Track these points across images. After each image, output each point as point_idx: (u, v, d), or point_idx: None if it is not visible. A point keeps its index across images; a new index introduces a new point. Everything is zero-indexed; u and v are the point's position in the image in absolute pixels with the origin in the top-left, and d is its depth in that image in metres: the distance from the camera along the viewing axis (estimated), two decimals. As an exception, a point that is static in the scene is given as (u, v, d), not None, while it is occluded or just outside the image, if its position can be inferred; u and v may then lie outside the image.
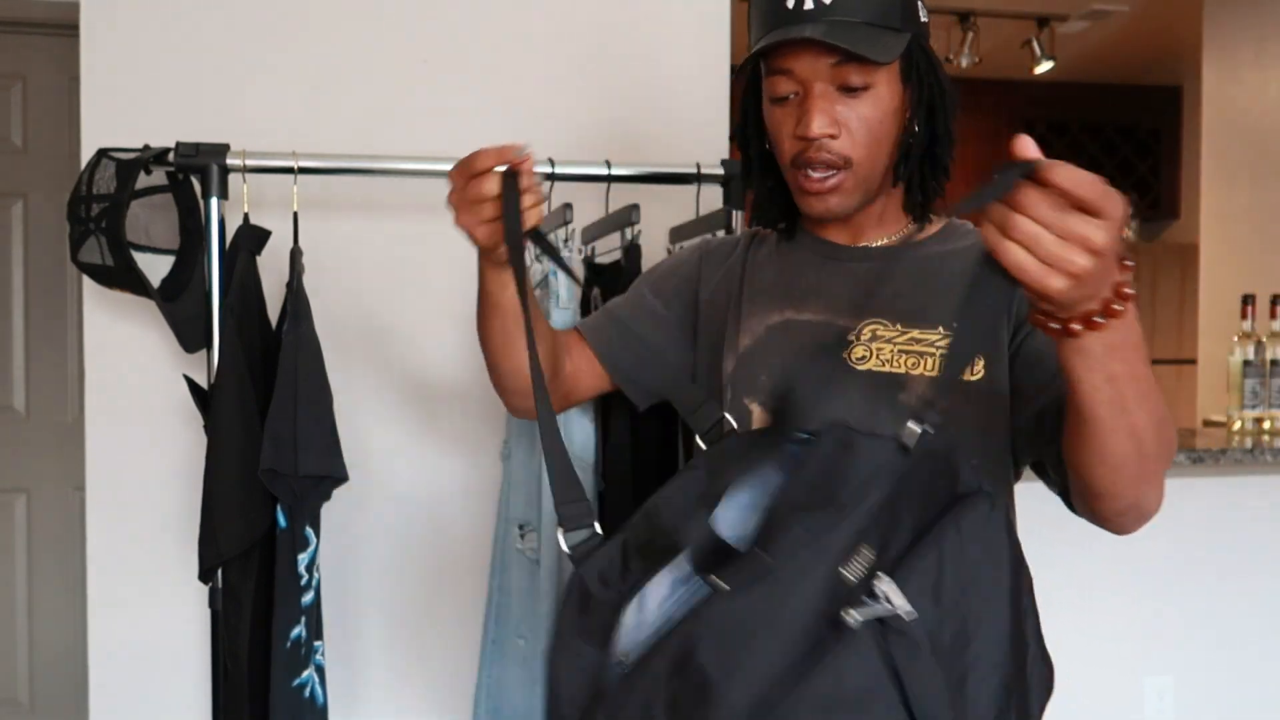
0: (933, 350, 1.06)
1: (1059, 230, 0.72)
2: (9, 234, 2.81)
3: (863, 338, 1.09)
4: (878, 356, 1.08)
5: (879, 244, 1.15)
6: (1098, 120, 5.49)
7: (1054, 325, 0.78)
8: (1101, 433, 0.84)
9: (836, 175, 1.06)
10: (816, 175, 1.07)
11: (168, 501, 1.84)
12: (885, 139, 1.08)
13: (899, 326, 1.08)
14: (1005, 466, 1.09)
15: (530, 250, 1.75)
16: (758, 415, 1.13)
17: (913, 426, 0.84)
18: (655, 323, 1.26)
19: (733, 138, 1.21)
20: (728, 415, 1.13)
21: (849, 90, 1.05)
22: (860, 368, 1.08)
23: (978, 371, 1.04)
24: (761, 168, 1.18)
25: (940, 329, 1.06)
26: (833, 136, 1.05)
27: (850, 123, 1.05)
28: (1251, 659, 2.34)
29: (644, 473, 1.51)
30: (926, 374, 1.06)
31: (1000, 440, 1.07)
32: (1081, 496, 0.95)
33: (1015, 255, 0.73)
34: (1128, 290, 0.76)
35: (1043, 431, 1.01)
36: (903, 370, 1.06)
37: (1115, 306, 0.76)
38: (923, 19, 1.09)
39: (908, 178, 1.12)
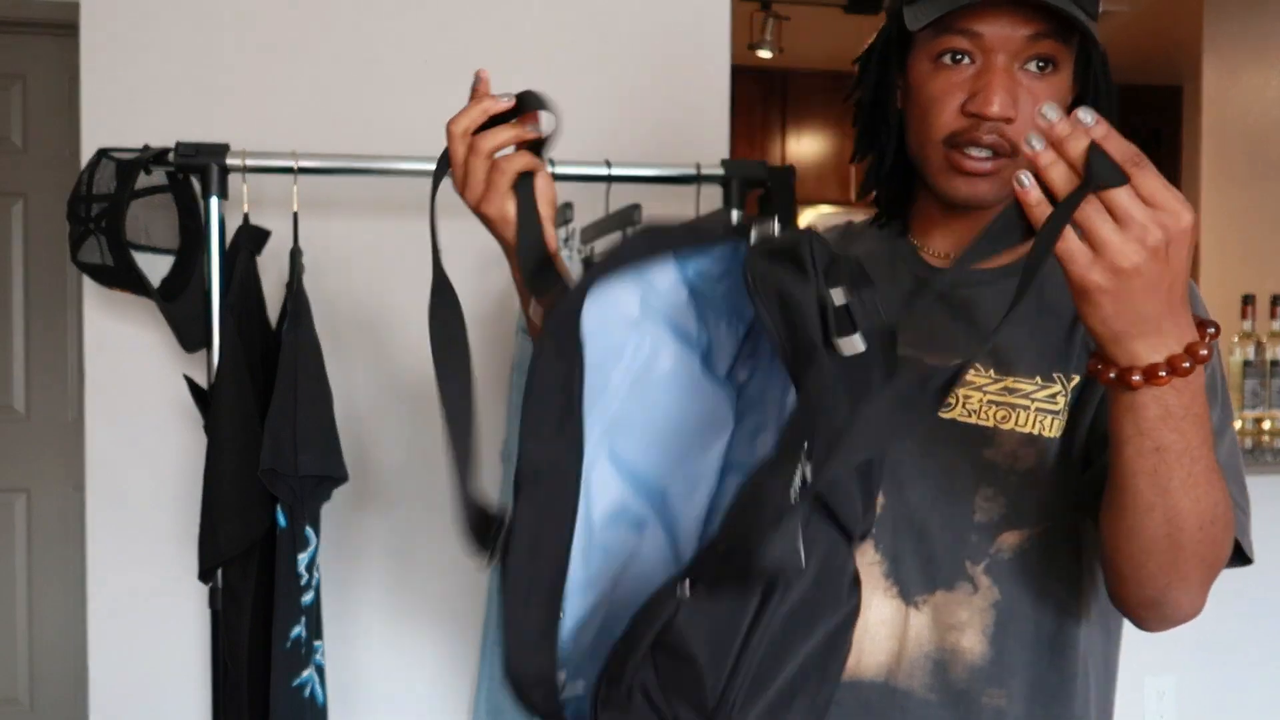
0: (1028, 403, 0.95)
1: (1121, 214, 0.65)
2: (9, 234, 2.81)
3: None
4: (964, 405, 0.97)
5: (982, 266, 0.97)
6: (1098, 120, 5.49)
7: (1112, 374, 0.71)
8: (1137, 509, 0.78)
9: (998, 160, 0.93)
10: (979, 154, 0.92)
11: (168, 501, 1.84)
12: None
13: (993, 372, 0.96)
14: (1074, 532, 0.99)
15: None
16: None
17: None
18: None
19: (847, 98, 1.06)
20: None
21: (1038, 67, 0.92)
22: (944, 416, 0.97)
23: (1054, 429, 0.94)
24: (895, 145, 1.02)
25: (1038, 379, 0.95)
26: (1009, 120, 0.91)
27: (1029, 107, 0.91)
28: (1252, 659, 2.34)
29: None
30: (1019, 429, 0.95)
31: (1069, 499, 0.97)
32: (1106, 576, 0.89)
33: (1062, 242, 0.66)
34: (1203, 353, 0.69)
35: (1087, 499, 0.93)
36: (991, 424, 0.96)
37: (1184, 365, 0.69)
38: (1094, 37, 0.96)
39: None
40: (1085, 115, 0.67)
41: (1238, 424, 2.49)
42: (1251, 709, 2.36)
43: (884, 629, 0.98)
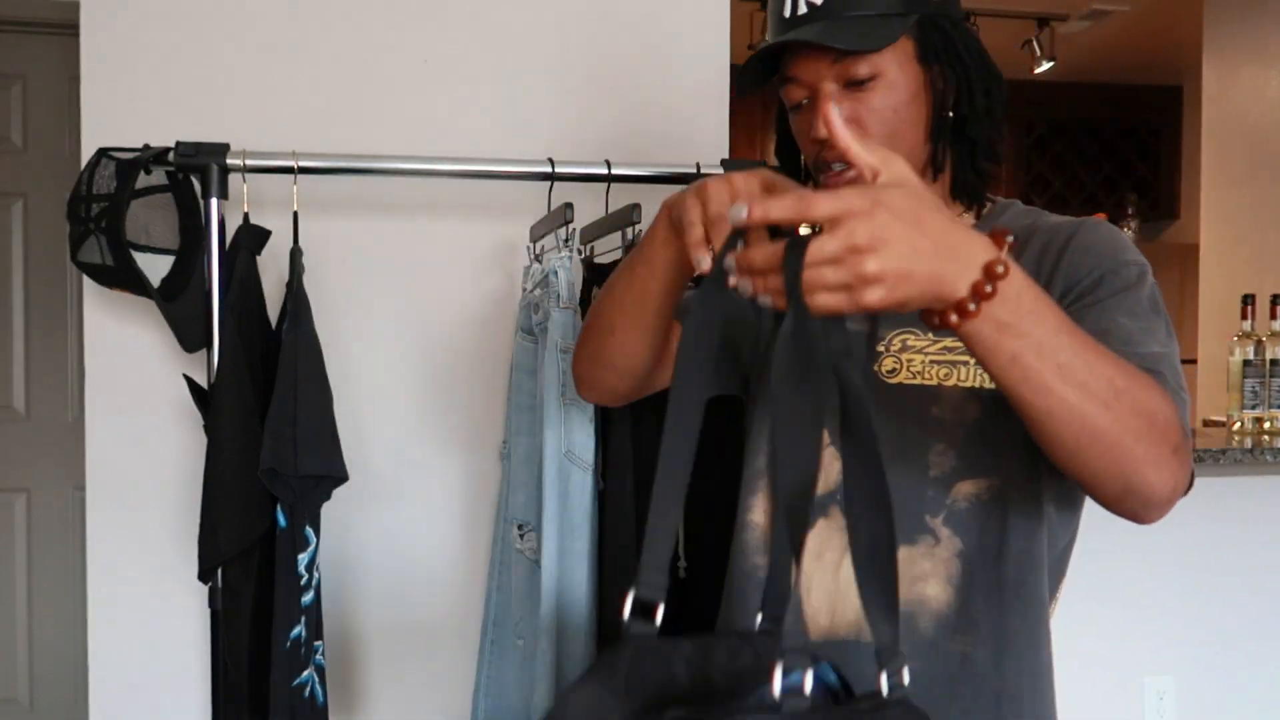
0: (966, 359, 1.01)
1: (822, 256, 0.69)
2: (9, 234, 2.81)
3: (893, 348, 1.05)
4: (908, 368, 1.04)
5: None
6: (1098, 120, 5.48)
7: (936, 321, 0.75)
8: (1039, 417, 0.81)
9: (853, 170, 1.01)
10: (836, 169, 1.04)
11: (168, 501, 1.84)
12: (907, 126, 1.05)
13: (930, 335, 1.03)
14: (1034, 482, 1.03)
15: (531, 250, 1.75)
16: None
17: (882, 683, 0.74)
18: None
19: (777, 155, 1.21)
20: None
21: (858, 84, 1.03)
22: (891, 381, 1.04)
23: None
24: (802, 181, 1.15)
25: None
26: None
27: (862, 117, 1.03)
28: (1252, 659, 2.34)
29: (644, 473, 1.51)
30: (961, 384, 1.02)
31: (1030, 452, 0.99)
32: (1086, 493, 0.93)
33: (816, 301, 0.70)
34: (998, 269, 0.73)
35: None
36: (934, 382, 1.03)
37: (986, 288, 0.73)
38: (942, 26, 1.05)
39: (945, 162, 1.08)
40: (734, 212, 0.71)
41: (1237, 424, 2.49)
42: (1251, 709, 2.36)
43: (853, 588, 1.01)
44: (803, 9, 1.03)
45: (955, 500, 1.02)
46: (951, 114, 1.07)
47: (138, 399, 1.83)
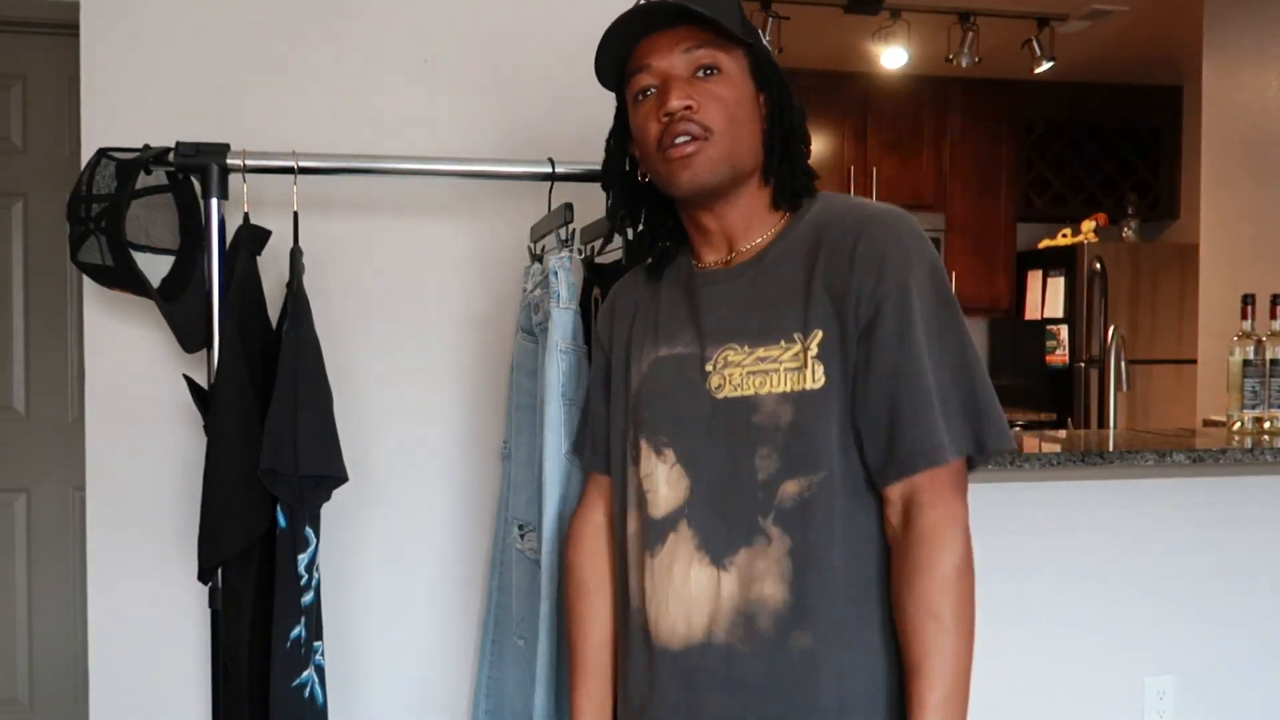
0: (777, 366, 1.11)
1: None
2: (9, 234, 2.81)
3: (718, 366, 1.15)
4: (730, 383, 1.14)
5: (737, 262, 1.20)
6: (1098, 120, 5.48)
7: None
8: None
9: (696, 142, 1.13)
10: (680, 143, 1.13)
11: (168, 501, 1.84)
12: (746, 121, 1.16)
13: (747, 347, 1.14)
14: (857, 474, 1.11)
15: (532, 250, 1.75)
16: (645, 450, 1.20)
17: None
18: (604, 412, 1.34)
19: (602, 178, 1.32)
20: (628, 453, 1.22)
21: (705, 72, 1.15)
22: (719, 396, 1.14)
23: (818, 379, 1.09)
24: (634, 199, 1.28)
25: (782, 343, 1.12)
26: (690, 109, 1.13)
27: (707, 99, 1.14)
28: (1252, 659, 2.34)
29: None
30: (774, 391, 1.11)
31: (847, 446, 1.10)
32: None
33: None
34: None
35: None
36: (751, 392, 1.12)
37: None
38: (763, 41, 1.21)
39: (771, 171, 1.20)
40: None
41: (1237, 424, 2.49)
42: (1251, 709, 2.36)
43: (702, 596, 1.14)
44: None
45: (782, 500, 1.10)
46: (778, 124, 1.20)
47: (138, 399, 1.84)
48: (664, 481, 1.17)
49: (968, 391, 1.09)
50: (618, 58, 1.21)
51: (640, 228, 1.31)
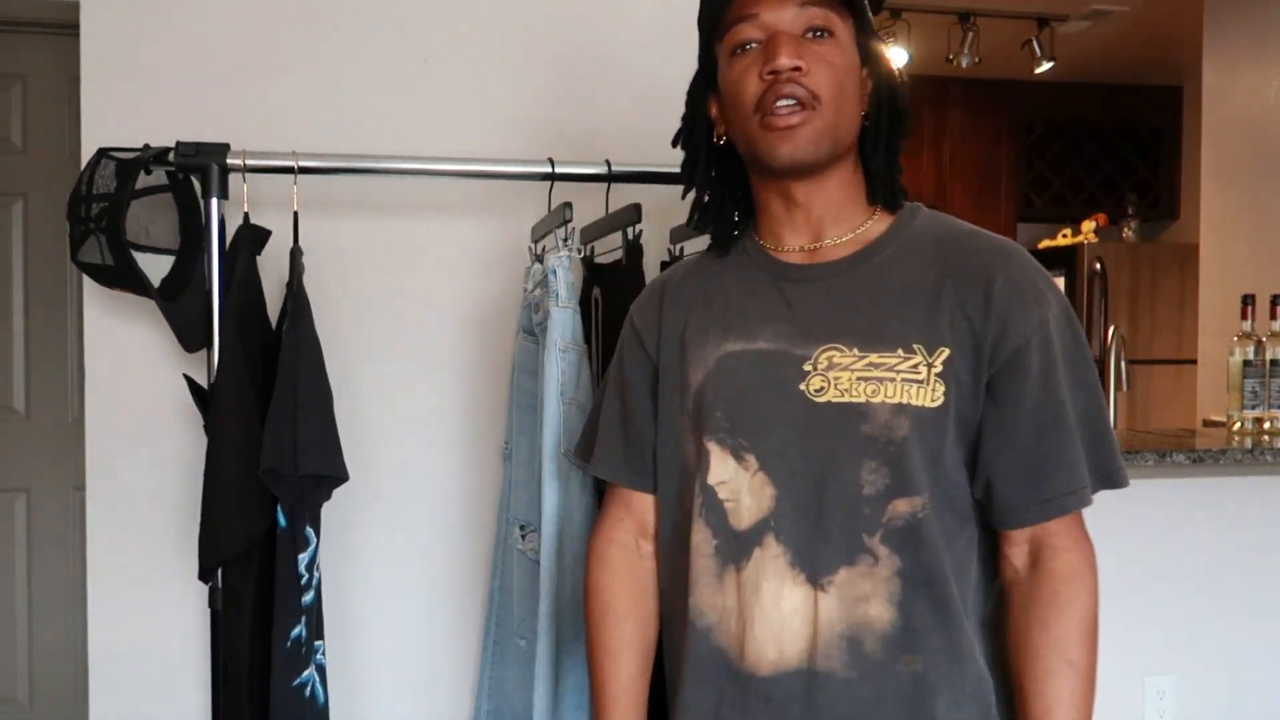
0: (893, 375, 1.02)
1: None
2: (9, 234, 2.81)
3: (820, 366, 1.05)
4: (836, 386, 1.04)
5: (834, 255, 1.10)
6: (1098, 120, 5.48)
7: None
8: None
9: (804, 111, 1.04)
10: (784, 106, 1.03)
11: (168, 501, 1.84)
12: (849, 92, 1.07)
13: (856, 351, 1.04)
14: (958, 499, 1.05)
15: (532, 250, 1.75)
16: (717, 454, 1.08)
17: None
18: (648, 416, 1.20)
19: (676, 140, 1.21)
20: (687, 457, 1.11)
21: (815, 33, 1.05)
22: (819, 400, 1.04)
23: (937, 398, 1.01)
24: (710, 162, 1.16)
25: (900, 351, 1.03)
26: (800, 70, 1.03)
27: (817, 62, 1.04)
28: (1252, 659, 2.34)
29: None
30: (888, 401, 1.02)
31: (955, 470, 1.04)
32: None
33: None
34: None
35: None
36: (863, 399, 1.02)
37: None
38: (870, 17, 1.11)
39: (869, 159, 1.11)
40: None
41: (1237, 424, 2.49)
42: (1251, 709, 2.36)
43: (797, 617, 1.04)
44: None
45: (892, 519, 1.01)
46: (880, 116, 1.10)
47: (138, 399, 1.83)
48: (746, 490, 1.06)
49: (1100, 430, 1.04)
50: (715, 4, 1.09)
51: (707, 196, 1.19)
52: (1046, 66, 4.60)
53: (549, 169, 1.67)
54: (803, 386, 1.05)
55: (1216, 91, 3.99)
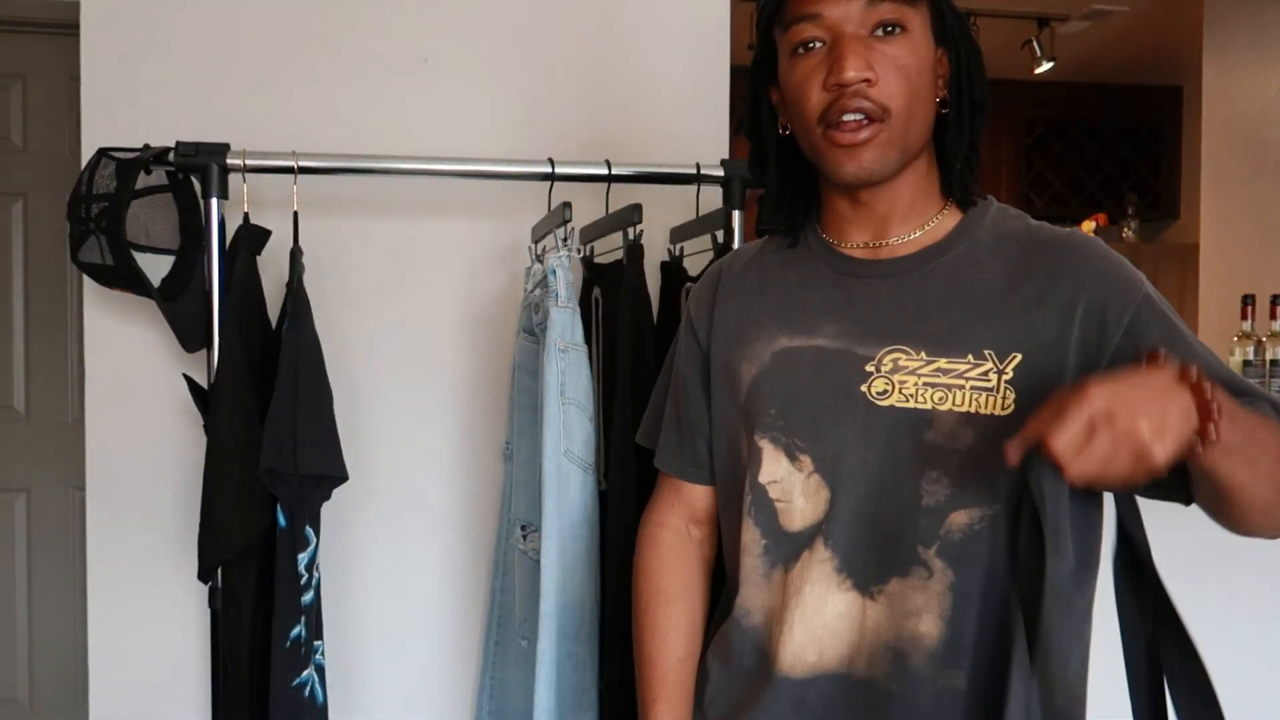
0: (962, 382, 0.96)
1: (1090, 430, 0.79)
2: (9, 234, 2.81)
3: (884, 368, 0.99)
4: (900, 390, 0.98)
5: (901, 252, 1.04)
6: (1098, 120, 5.48)
7: (1197, 451, 0.82)
8: (1245, 492, 0.88)
9: (872, 125, 0.96)
10: (851, 121, 0.96)
11: (168, 501, 1.84)
12: (923, 93, 0.99)
13: (924, 354, 0.98)
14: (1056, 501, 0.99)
15: (533, 250, 1.75)
16: (769, 453, 1.04)
17: None
18: (701, 409, 1.16)
19: (737, 131, 1.13)
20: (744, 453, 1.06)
21: (885, 30, 0.96)
22: (882, 404, 0.99)
23: (1008, 405, 0.95)
24: (777, 154, 1.09)
25: (970, 357, 0.97)
26: (869, 82, 0.95)
27: (887, 68, 0.95)
28: (1252, 659, 2.34)
29: (646, 473, 1.51)
30: (956, 409, 0.96)
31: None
32: (1233, 526, 0.99)
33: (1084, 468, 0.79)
34: (1210, 423, 0.81)
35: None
36: (929, 406, 0.97)
37: (1209, 427, 0.80)
38: None
39: (949, 151, 1.04)
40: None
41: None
42: (1251, 708, 2.36)
43: (842, 623, 1.00)
44: None
45: (949, 531, 0.97)
46: (949, 106, 1.03)
47: (138, 399, 1.83)
48: (800, 492, 1.02)
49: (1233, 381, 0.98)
50: None
51: (771, 186, 1.12)
52: (1046, 66, 4.60)
53: (549, 169, 1.67)
54: (864, 388, 1.00)
55: (1216, 91, 3.99)
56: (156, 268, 1.63)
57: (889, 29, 0.96)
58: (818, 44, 0.98)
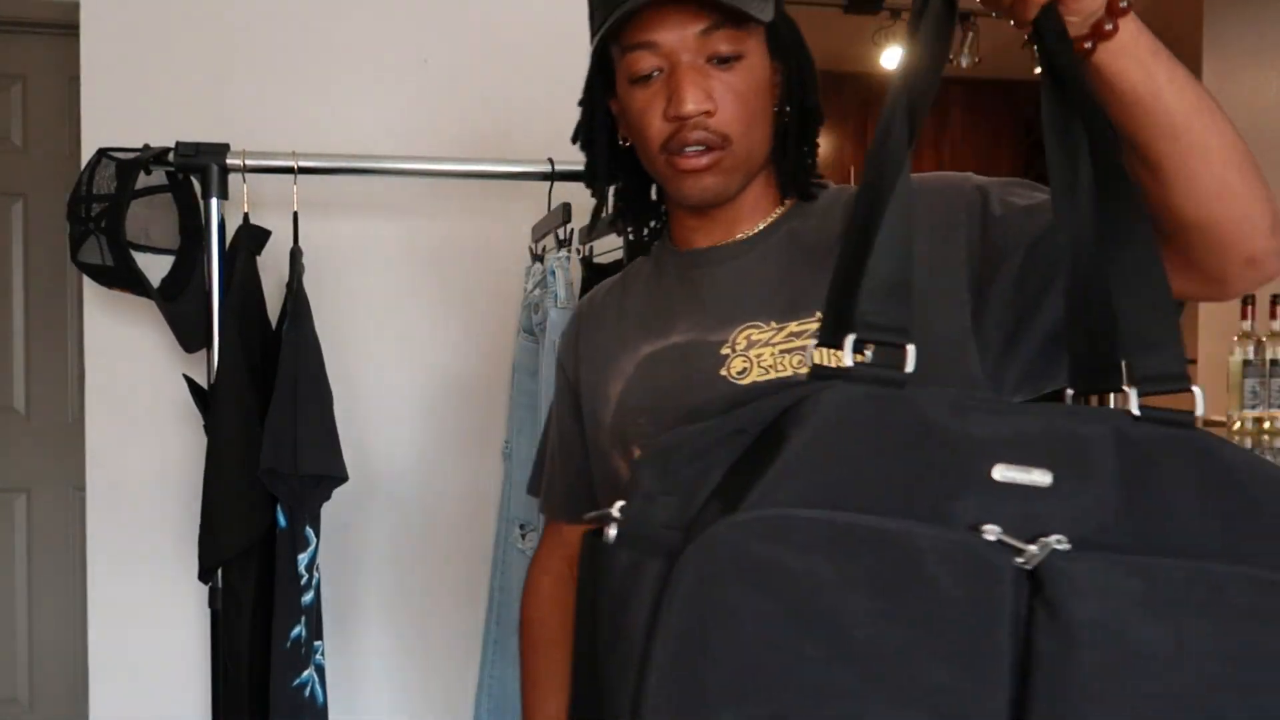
0: (814, 340, 0.94)
1: None
2: (9, 234, 2.81)
3: (739, 348, 0.97)
4: (759, 364, 0.96)
5: (740, 238, 1.03)
6: (1098, 120, 5.50)
7: (1107, 27, 0.70)
8: (1192, 141, 0.74)
9: (713, 153, 0.96)
10: (692, 152, 0.95)
11: (168, 501, 1.84)
12: (761, 115, 0.98)
13: (774, 324, 0.96)
14: None
15: (533, 250, 1.75)
16: None
17: None
18: (580, 445, 1.14)
19: (575, 137, 1.10)
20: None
21: (720, 61, 0.95)
22: (744, 382, 0.96)
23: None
24: (612, 169, 1.09)
25: (818, 314, 0.92)
26: (709, 113, 0.94)
27: (725, 97, 0.95)
28: (1251, 659, 2.34)
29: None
30: None
31: None
32: (1203, 251, 0.78)
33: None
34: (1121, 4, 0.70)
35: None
36: (789, 372, 0.94)
37: (1120, 4, 0.70)
38: (780, 8, 0.99)
39: (784, 159, 1.03)
40: None
41: (1237, 424, 2.49)
42: (1251, 709, 2.35)
43: None
44: None
45: None
46: (786, 112, 1.02)
47: (138, 399, 1.83)
48: None
49: None
50: (606, 14, 0.99)
51: (616, 201, 1.12)
52: (1046, 66, 4.61)
53: (549, 169, 1.67)
54: (724, 372, 0.97)
55: (1216, 91, 3.98)
56: (156, 268, 1.63)
57: (724, 60, 0.95)
58: (656, 73, 0.97)
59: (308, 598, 1.53)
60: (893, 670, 0.52)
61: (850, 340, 0.58)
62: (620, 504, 0.60)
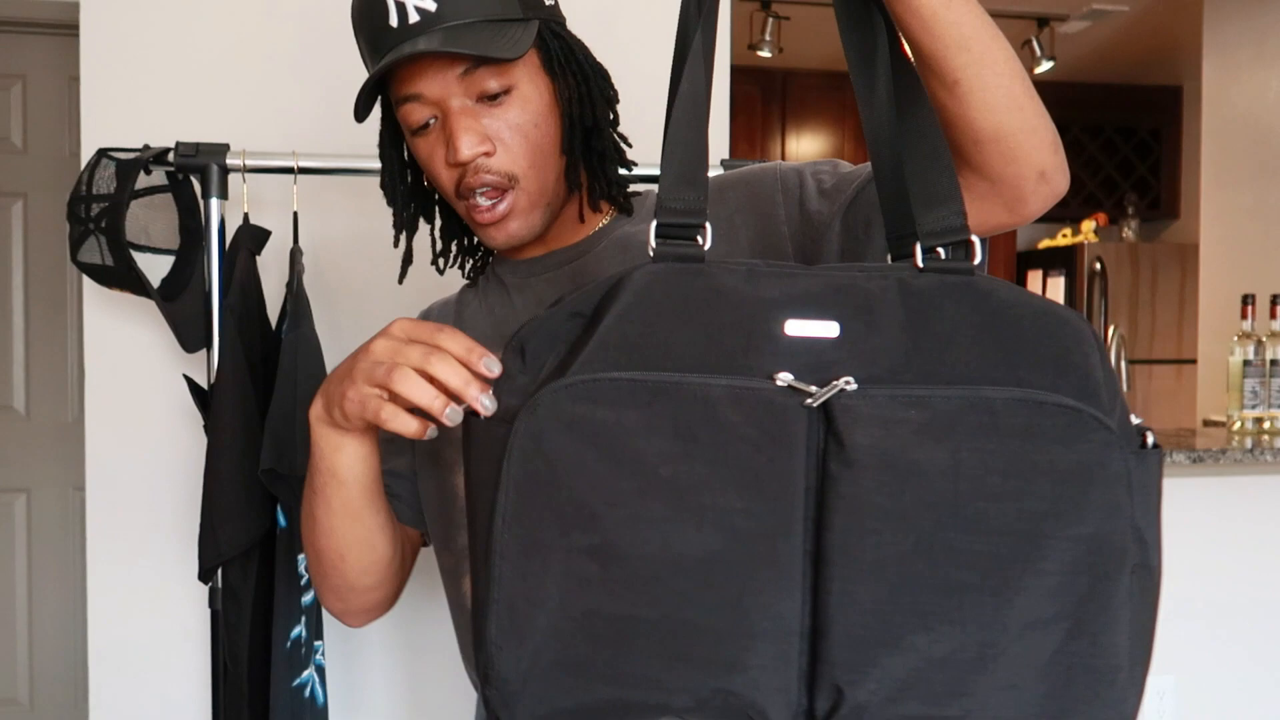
0: None
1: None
2: (9, 234, 2.81)
3: None
4: None
5: (574, 241, 1.04)
6: (1098, 120, 5.49)
7: None
8: (982, 48, 0.75)
9: (506, 199, 0.95)
10: (485, 204, 0.95)
11: (168, 501, 1.84)
12: (548, 142, 0.96)
13: None
14: None
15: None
16: None
17: None
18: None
19: (383, 187, 1.08)
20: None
21: (490, 98, 0.93)
22: None
23: None
24: (423, 208, 1.08)
25: None
26: (488, 154, 0.93)
27: (502, 135, 0.93)
28: (1252, 659, 2.34)
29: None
30: None
31: None
32: (985, 165, 0.79)
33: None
34: None
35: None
36: None
37: None
38: (548, 1, 0.99)
39: (580, 176, 1.01)
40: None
41: (1237, 424, 2.49)
42: (1251, 709, 2.36)
43: None
44: (414, 17, 0.90)
45: None
46: (577, 125, 1.00)
47: (138, 399, 1.84)
48: None
49: None
50: (374, 69, 0.93)
51: (436, 235, 1.11)
52: (1047, 66, 4.60)
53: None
54: None
55: (1216, 91, 3.99)
56: (156, 268, 1.63)
57: (494, 96, 0.93)
58: (432, 120, 0.95)
59: (308, 598, 1.53)
60: (694, 499, 0.61)
61: (653, 225, 0.66)
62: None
